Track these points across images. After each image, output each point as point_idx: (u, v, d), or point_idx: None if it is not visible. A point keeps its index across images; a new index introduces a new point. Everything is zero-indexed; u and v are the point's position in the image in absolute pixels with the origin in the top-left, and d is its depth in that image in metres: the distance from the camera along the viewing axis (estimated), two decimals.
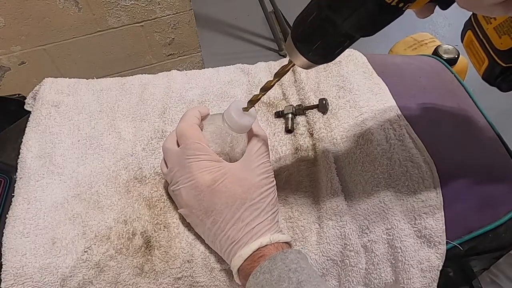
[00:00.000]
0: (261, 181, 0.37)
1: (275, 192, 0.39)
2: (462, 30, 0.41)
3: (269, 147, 0.43)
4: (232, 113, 0.37)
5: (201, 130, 0.40)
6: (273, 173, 0.39)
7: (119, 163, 0.46)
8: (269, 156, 0.40)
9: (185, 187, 0.37)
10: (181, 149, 0.38)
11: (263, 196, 0.37)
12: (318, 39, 0.27)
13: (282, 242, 0.36)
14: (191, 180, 0.37)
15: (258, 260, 0.34)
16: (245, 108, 0.37)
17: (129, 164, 0.46)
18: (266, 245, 0.35)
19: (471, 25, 0.39)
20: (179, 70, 0.59)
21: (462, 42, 0.41)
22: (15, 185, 0.44)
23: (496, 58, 0.36)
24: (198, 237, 0.40)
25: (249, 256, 0.34)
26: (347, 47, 0.28)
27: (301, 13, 0.28)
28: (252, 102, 0.37)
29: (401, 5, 0.23)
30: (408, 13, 0.28)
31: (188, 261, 0.39)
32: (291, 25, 1.68)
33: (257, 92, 0.37)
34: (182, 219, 0.41)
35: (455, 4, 0.28)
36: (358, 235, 0.41)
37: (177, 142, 0.40)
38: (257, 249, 0.35)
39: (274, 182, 0.39)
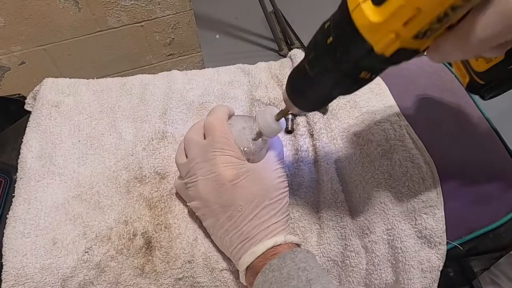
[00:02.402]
0: (279, 184, 0.38)
1: (288, 197, 0.39)
2: None
3: None
4: (268, 116, 0.37)
5: None
6: (287, 179, 0.40)
7: (119, 163, 0.46)
8: (284, 163, 0.41)
9: (204, 180, 0.37)
10: (209, 141, 0.38)
11: (280, 197, 0.38)
12: (307, 95, 0.32)
13: (294, 244, 0.37)
14: (213, 173, 0.37)
15: (270, 258, 0.34)
16: (277, 116, 0.38)
17: (130, 164, 0.46)
18: (280, 244, 0.35)
19: None
20: (179, 70, 0.59)
21: None
22: (16, 185, 0.44)
23: (474, 77, 0.38)
24: (199, 237, 0.40)
25: (262, 254, 0.35)
26: (333, 99, 0.32)
27: (295, 68, 0.32)
28: (282, 113, 0.38)
29: (373, 76, 0.28)
30: None
31: (189, 261, 0.39)
32: (291, 25, 1.69)
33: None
34: (183, 219, 0.41)
35: None
36: (359, 236, 0.41)
37: (203, 134, 0.40)
38: (271, 247, 0.35)
39: (288, 188, 0.40)
